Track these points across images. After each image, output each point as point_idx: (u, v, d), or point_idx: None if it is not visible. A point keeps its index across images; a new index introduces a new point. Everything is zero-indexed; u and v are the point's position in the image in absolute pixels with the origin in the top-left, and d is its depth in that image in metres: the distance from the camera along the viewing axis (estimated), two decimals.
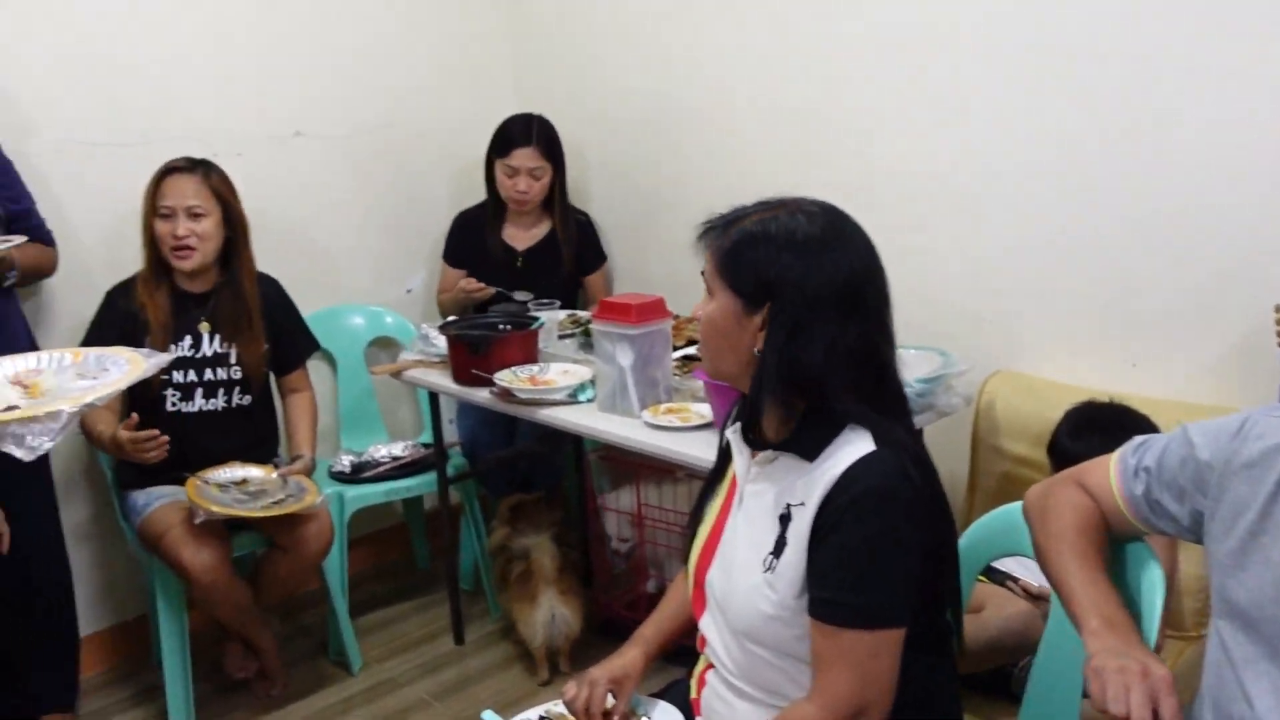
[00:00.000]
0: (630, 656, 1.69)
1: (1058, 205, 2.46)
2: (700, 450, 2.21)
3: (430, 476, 3.13)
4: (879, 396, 1.43)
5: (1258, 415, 1.29)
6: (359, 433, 3.40)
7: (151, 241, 2.72)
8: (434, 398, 2.93)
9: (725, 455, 1.63)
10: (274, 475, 2.73)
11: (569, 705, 1.64)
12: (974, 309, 2.64)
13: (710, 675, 1.59)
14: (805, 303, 1.38)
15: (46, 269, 2.67)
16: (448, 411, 3.21)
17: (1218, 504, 1.29)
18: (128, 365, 1.69)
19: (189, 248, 2.68)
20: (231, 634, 2.88)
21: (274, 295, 2.93)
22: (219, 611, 2.74)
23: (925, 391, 2.25)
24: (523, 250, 3.35)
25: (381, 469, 3.15)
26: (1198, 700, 1.34)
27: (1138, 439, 1.44)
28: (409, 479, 3.15)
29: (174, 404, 2.75)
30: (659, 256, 3.43)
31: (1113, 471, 1.43)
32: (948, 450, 2.53)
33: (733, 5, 3.03)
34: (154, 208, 2.69)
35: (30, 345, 2.60)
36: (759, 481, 1.50)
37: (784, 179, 2.98)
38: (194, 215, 2.68)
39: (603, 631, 3.07)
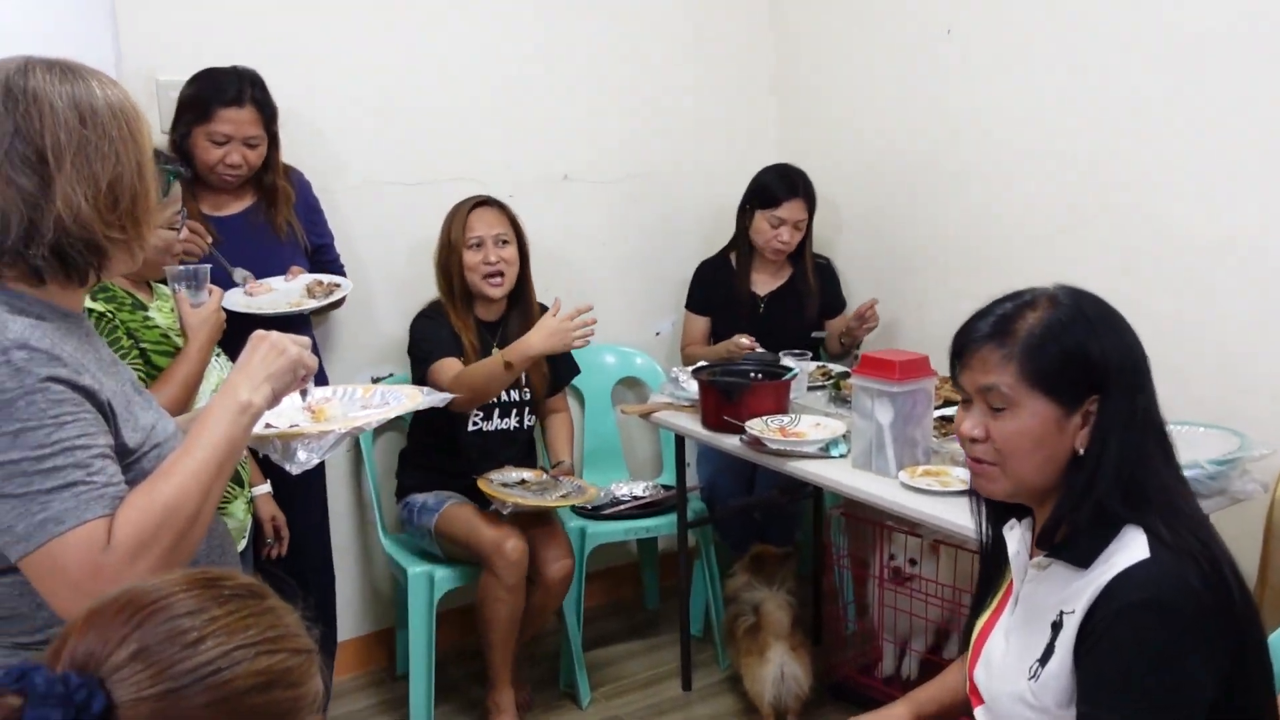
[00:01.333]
0: (897, 713, 1.64)
1: None
2: (960, 517, 2.11)
3: (669, 518, 3.14)
4: (1172, 482, 1.35)
5: None
6: (601, 469, 3.47)
7: (459, 272, 2.87)
8: (679, 441, 2.96)
9: (1002, 550, 1.53)
10: (545, 476, 2.89)
11: None
12: (1276, 388, 2.42)
13: None
14: (1130, 384, 1.33)
15: (339, 301, 2.88)
16: (688, 456, 3.23)
17: None
18: (406, 400, 1.80)
19: (500, 273, 2.86)
20: (491, 652, 2.86)
21: None
22: (501, 605, 2.75)
23: (1217, 474, 2.07)
24: (764, 295, 3.36)
25: (622, 507, 3.19)
26: None
27: None
28: (649, 519, 3.19)
29: (475, 423, 2.93)
30: (908, 315, 3.34)
31: None
32: (1238, 541, 2.28)
33: (1007, 60, 2.94)
34: (463, 240, 2.86)
35: (319, 369, 2.80)
36: (1036, 584, 1.42)
37: (1056, 241, 2.88)
38: (502, 243, 2.87)
39: (834, 694, 2.98)
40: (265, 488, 2.49)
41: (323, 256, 2.80)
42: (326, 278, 2.64)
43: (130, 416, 1.33)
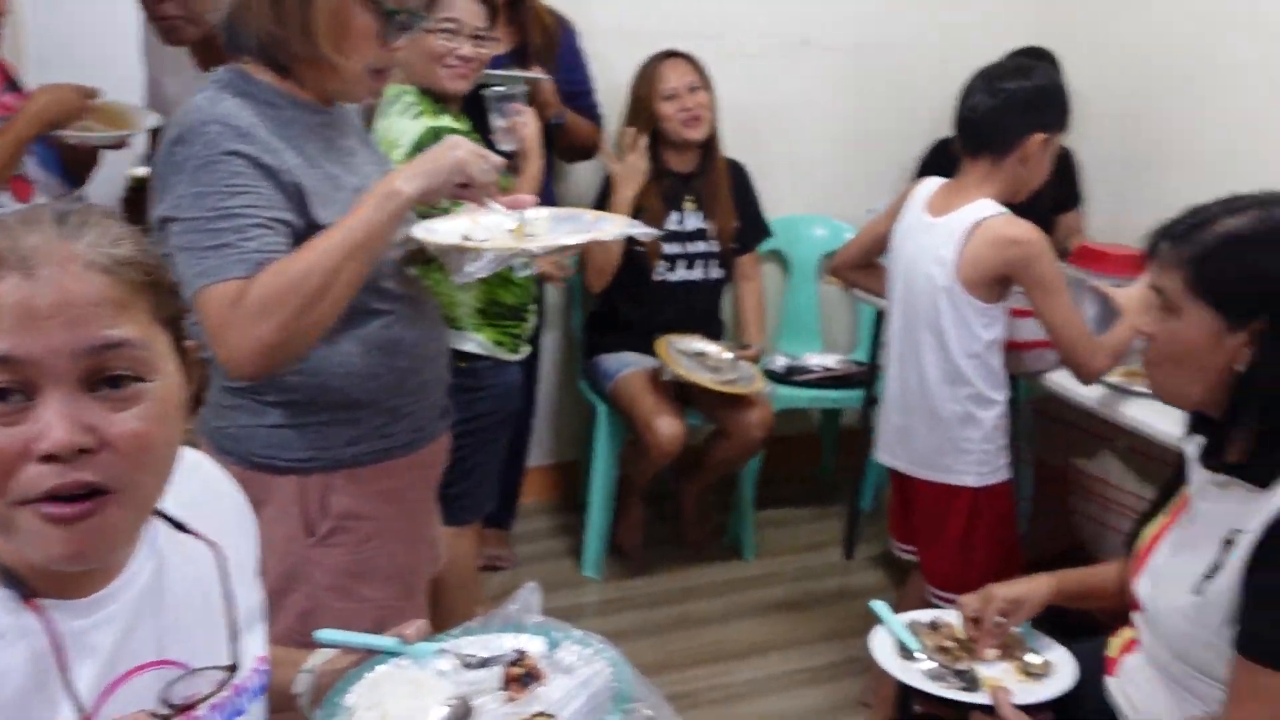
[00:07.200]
0: (1037, 584, 1.64)
1: None
2: (1157, 421, 2.04)
3: (855, 393, 3.16)
4: None
5: None
6: (797, 338, 3.50)
7: (649, 120, 2.90)
8: (880, 316, 2.93)
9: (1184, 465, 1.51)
10: (727, 355, 2.93)
11: (963, 610, 1.63)
12: None
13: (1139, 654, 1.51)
14: None
15: (590, 144, 2.93)
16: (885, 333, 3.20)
17: None
18: (609, 226, 1.73)
19: (698, 118, 2.90)
20: (642, 491, 3.09)
21: (740, 179, 3.13)
22: (635, 469, 2.99)
23: None
24: None
25: (812, 376, 3.23)
26: None
27: None
28: (836, 390, 3.22)
29: (660, 274, 3.01)
30: (1145, 216, 3.10)
31: None
32: None
33: None
34: (655, 93, 2.89)
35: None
36: (1211, 501, 1.39)
37: None
38: (693, 90, 2.90)
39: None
40: None
41: (579, 102, 2.83)
42: None
43: (336, 200, 1.45)
